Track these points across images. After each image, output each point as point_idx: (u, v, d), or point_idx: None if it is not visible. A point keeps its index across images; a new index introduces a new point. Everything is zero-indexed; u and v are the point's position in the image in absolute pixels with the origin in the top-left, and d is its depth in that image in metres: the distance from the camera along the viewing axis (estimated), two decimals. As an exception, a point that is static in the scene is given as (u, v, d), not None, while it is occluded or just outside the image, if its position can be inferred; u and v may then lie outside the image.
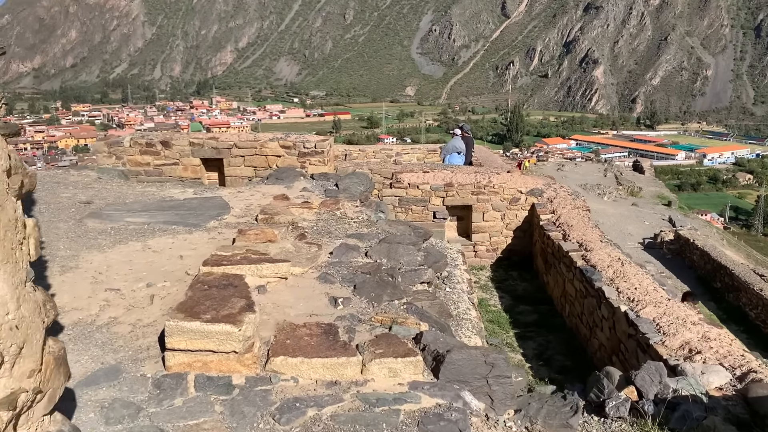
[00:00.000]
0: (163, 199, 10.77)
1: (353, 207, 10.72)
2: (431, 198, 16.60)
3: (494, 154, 28.72)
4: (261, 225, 8.91)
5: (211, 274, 6.31)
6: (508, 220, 16.65)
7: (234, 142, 16.41)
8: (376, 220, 10.22)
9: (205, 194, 11.25)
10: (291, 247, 7.72)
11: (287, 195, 10.97)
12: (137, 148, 16.51)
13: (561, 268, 13.59)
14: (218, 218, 9.45)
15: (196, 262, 7.46)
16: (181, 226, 9.03)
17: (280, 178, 12.31)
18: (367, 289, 6.66)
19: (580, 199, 16.23)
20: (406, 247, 8.25)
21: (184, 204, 10.11)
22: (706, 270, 26.05)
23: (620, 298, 10.42)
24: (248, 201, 10.86)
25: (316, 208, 10.15)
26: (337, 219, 9.82)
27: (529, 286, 15.67)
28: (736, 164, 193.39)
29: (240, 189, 11.95)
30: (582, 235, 13.80)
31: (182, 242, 8.42)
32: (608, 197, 48.62)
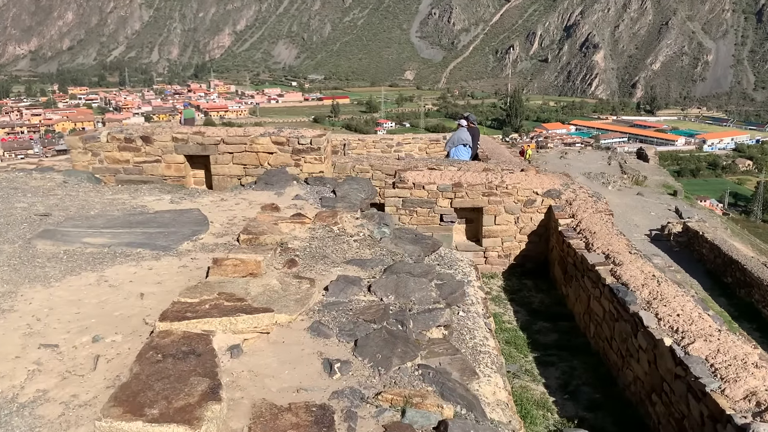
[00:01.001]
0: (133, 210, 9.30)
1: (353, 219, 9.27)
2: (438, 199, 15.12)
3: (501, 146, 27.30)
4: (243, 247, 7.46)
5: (168, 335, 4.85)
6: (522, 224, 15.17)
7: (221, 138, 14.95)
8: (379, 238, 8.78)
9: (182, 204, 9.78)
10: (276, 284, 6.26)
11: (277, 204, 9.51)
12: (115, 143, 15.04)
13: (584, 282, 12.15)
14: (193, 238, 7.98)
15: (159, 303, 6.03)
16: (147, 249, 7.57)
17: (270, 182, 10.85)
18: (371, 347, 5.21)
19: (602, 201, 14.76)
20: (418, 279, 6.80)
21: (156, 218, 8.64)
22: (716, 264, 25.35)
23: (661, 327, 8.99)
24: (231, 212, 9.40)
25: (310, 223, 8.70)
26: (335, 237, 8.38)
27: (546, 297, 14.22)
28: (736, 150, 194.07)
29: (223, 196, 10.48)
30: (608, 245, 12.35)
31: (146, 272, 6.96)
32: (613, 186, 47.52)
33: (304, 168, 15.04)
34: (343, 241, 8.29)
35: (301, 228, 8.52)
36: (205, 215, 8.85)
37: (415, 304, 6.47)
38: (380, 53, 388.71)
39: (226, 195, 10.56)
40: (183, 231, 8.08)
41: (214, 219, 8.92)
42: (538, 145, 65.66)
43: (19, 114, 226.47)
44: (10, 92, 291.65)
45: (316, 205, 9.91)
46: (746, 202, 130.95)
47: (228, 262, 6.53)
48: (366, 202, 10.60)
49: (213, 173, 15.18)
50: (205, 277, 6.60)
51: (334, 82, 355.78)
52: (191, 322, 5.06)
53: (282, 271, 6.99)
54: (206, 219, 8.64)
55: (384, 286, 6.57)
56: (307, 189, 10.76)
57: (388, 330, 5.49)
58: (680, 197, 50.81)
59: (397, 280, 6.70)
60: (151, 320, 5.55)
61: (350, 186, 10.55)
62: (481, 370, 7.42)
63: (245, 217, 9.07)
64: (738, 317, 20.30)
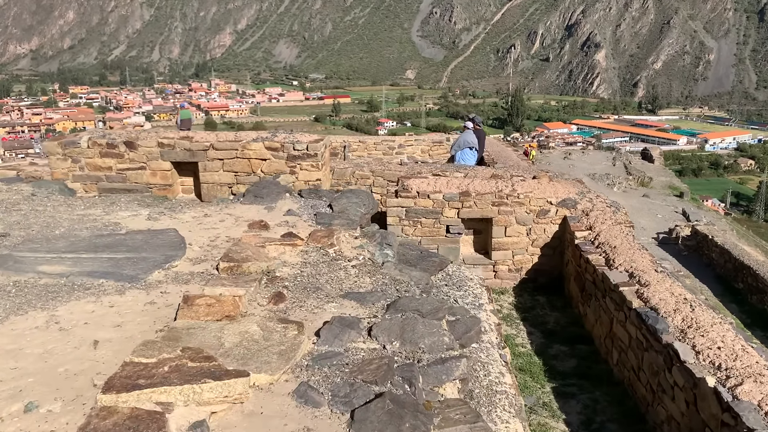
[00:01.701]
0: (103, 229, 8.24)
1: (351, 239, 8.21)
2: (444, 209, 14.00)
3: (507, 148, 26.20)
4: (223, 277, 6.41)
5: (112, 413, 3.77)
6: (535, 236, 14.06)
7: (211, 143, 13.86)
8: (381, 262, 7.71)
9: (160, 221, 8.71)
10: (257, 331, 5.18)
11: (266, 222, 8.45)
12: (97, 149, 13.97)
13: (606, 303, 11.06)
14: (166, 265, 6.91)
15: (115, 356, 4.97)
16: (112, 279, 6.50)
17: (260, 195, 9.77)
18: (372, 423, 4.11)
19: (621, 212, 13.66)
20: (428, 322, 5.71)
21: (126, 241, 7.56)
22: (727, 269, 24.52)
23: (700, 362, 7.92)
24: (214, 231, 8.33)
25: (302, 244, 7.63)
26: (330, 261, 7.31)
27: (562, 317, 13.12)
28: (738, 150, 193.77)
29: (208, 210, 9.39)
30: (630, 262, 11.27)
31: (106, 311, 5.89)
32: (618, 188, 46.62)
33: (300, 176, 13.99)
34: (340, 267, 7.22)
35: (291, 251, 7.45)
36: (183, 236, 7.77)
37: (425, 353, 5.39)
38: (381, 52, 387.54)
39: (211, 209, 9.48)
40: (155, 257, 7.00)
41: (193, 240, 7.84)
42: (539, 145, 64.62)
43: (20, 113, 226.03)
44: (11, 91, 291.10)
45: (310, 221, 8.84)
46: (748, 201, 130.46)
47: (201, 301, 5.46)
48: (366, 217, 9.54)
49: (202, 181, 14.12)
50: (173, 319, 5.52)
51: (335, 81, 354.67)
52: (144, 393, 3.97)
53: (266, 309, 5.92)
54: (183, 241, 7.56)
55: (387, 330, 5.49)
56: (301, 203, 9.69)
57: (392, 397, 4.38)
58: (686, 199, 49.89)
59: (403, 322, 5.61)
60: (101, 380, 4.47)
61: (348, 200, 9.47)
62: (498, 415, 6.38)
63: (229, 238, 8.00)
64: (751, 324, 19.39)
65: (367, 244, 8.10)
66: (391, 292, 6.71)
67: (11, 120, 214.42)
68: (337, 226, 8.50)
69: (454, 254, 14.16)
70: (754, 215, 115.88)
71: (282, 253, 7.37)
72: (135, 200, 10.26)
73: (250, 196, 9.81)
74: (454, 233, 14.12)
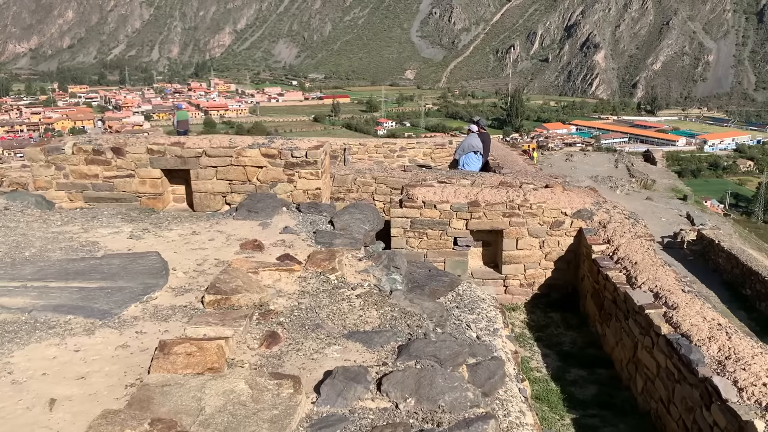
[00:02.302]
0: (79, 250, 7.39)
1: (355, 261, 7.36)
2: (451, 220, 13.14)
3: (513, 152, 25.33)
4: (208, 312, 5.57)
5: None
6: (548, 249, 13.20)
7: (204, 149, 13.00)
8: (389, 289, 6.87)
9: (144, 239, 7.86)
10: (245, 389, 4.32)
11: (260, 241, 7.61)
12: (82, 156, 13.10)
13: (629, 325, 10.20)
14: (144, 297, 6.05)
15: (74, 419, 4.11)
16: (81, 315, 5.63)
17: (254, 209, 8.91)
18: None
19: (641, 224, 12.81)
20: (448, 374, 4.85)
21: (101, 266, 6.69)
22: (734, 275, 23.99)
23: (744, 401, 7.08)
24: (202, 252, 7.47)
25: (300, 270, 6.79)
26: (332, 290, 6.47)
27: (578, 336, 12.27)
28: (737, 151, 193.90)
29: (196, 227, 8.54)
30: (654, 280, 10.42)
31: (70, 357, 5.02)
32: (621, 190, 46.01)
33: (298, 184, 13.14)
34: (343, 296, 6.37)
35: (288, 278, 6.60)
36: (166, 260, 6.91)
37: (445, 412, 4.52)
38: (381, 52, 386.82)
39: (200, 225, 8.63)
40: (132, 286, 6.15)
41: (178, 263, 6.99)
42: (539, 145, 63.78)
43: (19, 112, 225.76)
44: (10, 90, 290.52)
45: (309, 240, 7.99)
46: (747, 202, 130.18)
47: (180, 349, 4.61)
48: (371, 235, 8.69)
49: (194, 190, 13.27)
50: (147, 369, 4.66)
51: (334, 81, 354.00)
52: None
53: (257, 354, 5.07)
54: (165, 267, 6.69)
55: (400, 384, 4.63)
56: (299, 218, 8.83)
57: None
58: (690, 202, 49.14)
59: (419, 374, 4.75)
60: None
61: (351, 215, 8.61)
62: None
63: (218, 261, 7.15)
64: (760, 332, 18.65)
65: (373, 267, 7.25)
66: (401, 329, 5.86)
67: (10, 119, 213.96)
68: (339, 246, 7.66)
69: (462, 268, 13.34)
70: (753, 216, 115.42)
71: (277, 280, 6.53)
72: (119, 214, 9.38)
73: (243, 211, 8.95)
74: (462, 246, 13.27)
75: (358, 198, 15.94)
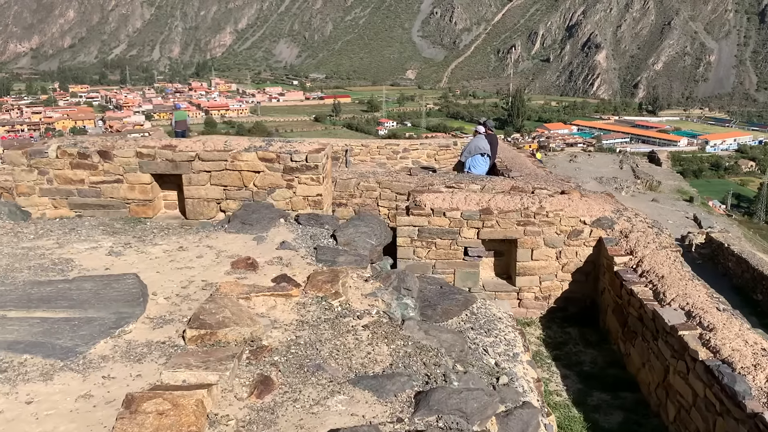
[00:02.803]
0: (49, 269, 6.53)
1: (361, 282, 6.50)
2: (462, 229, 12.24)
3: (520, 154, 24.48)
4: (190, 350, 4.71)
5: None
6: (566, 260, 12.30)
7: (197, 153, 12.09)
8: (400, 316, 6.01)
9: (125, 255, 6.99)
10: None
11: (254, 259, 6.75)
12: (67, 159, 12.20)
13: (659, 346, 9.32)
14: (116, 330, 5.17)
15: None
16: (39, 354, 4.75)
17: (248, 221, 8.04)
18: None
19: (665, 233, 11.93)
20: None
21: (70, 291, 5.81)
22: (744, 279, 22.98)
23: (803, 442, 6.24)
24: (187, 273, 6.60)
25: (299, 295, 5.92)
26: (335, 320, 5.60)
27: (599, 355, 11.37)
28: (739, 151, 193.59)
29: (183, 241, 7.67)
30: (685, 297, 9.55)
31: (19, 411, 4.15)
32: (626, 192, 45.31)
33: (298, 190, 12.24)
34: (348, 328, 5.50)
35: (285, 305, 5.74)
36: (145, 284, 6.03)
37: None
38: (382, 52, 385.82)
39: (189, 239, 7.76)
40: (104, 316, 5.28)
41: (159, 287, 6.12)
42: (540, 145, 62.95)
43: (20, 112, 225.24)
44: (11, 90, 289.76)
45: (309, 258, 7.12)
46: (749, 203, 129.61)
47: (150, 406, 3.74)
48: (377, 250, 7.83)
49: (186, 196, 12.36)
50: (110, 430, 3.79)
51: (335, 81, 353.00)
52: None
53: (246, 406, 4.21)
54: (144, 291, 5.82)
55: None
56: (298, 232, 7.96)
57: None
58: (696, 204, 48.34)
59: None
60: None
61: (356, 229, 7.74)
62: None
63: (206, 282, 6.29)
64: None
65: (381, 290, 6.39)
66: (417, 369, 4.99)
67: (11, 119, 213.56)
68: (343, 265, 6.80)
69: (473, 280, 12.46)
70: (755, 217, 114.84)
71: (272, 307, 5.68)
72: (101, 225, 8.53)
73: (236, 223, 8.08)
74: (473, 256, 12.38)
75: (361, 203, 15.07)
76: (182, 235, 7.94)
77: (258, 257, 6.92)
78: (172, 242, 7.65)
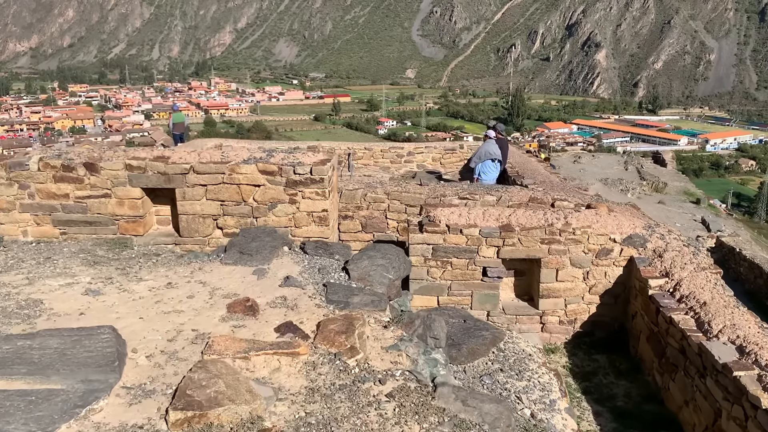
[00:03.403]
0: (12, 317, 5.51)
1: (380, 331, 5.50)
2: (480, 247, 11.18)
3: (531, 159, 23.42)
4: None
5: None
6: (594, 281, 11.27)
7: (191, 165, 11.10)
8: (429, 377, 5.00)
9: (104, 295, 5.98)
10: None
11: (254, 301, 5.75)
12: (50, 172, 11.23)
13: (707, 386, 8.29)
14: (82, 411, 4.15)
15: None
16: (-21, 449, 3.76)
17: (248, 251, 7.03)
18: None
19: (703, 252, 10.90)
20: None
21: (31, 350, 4.78)
22: (757, 285, 22.55)
23: None
24: (176, 320, 5.58)
25: (307, 352, 4.92)
26: (352, 387, 4.59)
27: (632, 387, 10.32)
28: (739, 150, 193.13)
29: (173, 276, 6.66)
30: (734, 328, 8.54)
31: None
32: (632, 194, 44.66)
33: (301, 205, 11.26)
34: (369, 399, 4.49)
35: (291, 365, 4.74)
36: (123, 339, 5.01)
37: None
38: (381, 51, 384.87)
39: (179, 273, 6.75)
40: (69, 387, 4.26)
41: (141, 339, 5.11)
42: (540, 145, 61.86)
43: (19, 111, 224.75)
44: (10, 89, 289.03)
45: (318, 297, 6.11)
46: (749, 202, 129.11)
47: None
48: (395, 285, 6.83)
49: (180, 212, 11.37)
50: None
51: (335, 80, 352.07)
52: None
53: None
54: (120, 350, 4.79)
55: None
56: (305, 263, 6.95)
57: None
58: (703, 205, 47.46)
59: None
60: None
61: (371, 261, 6.73)
62: None
63: (197, 333, 5.28)
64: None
65: (404, 340, 5.39)
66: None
67: (10, 118, 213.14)
68: (358, 307, 5.81)
69: (493, 302, 11.45)
70: (755, 216, 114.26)
71: (276, 369, 4.68)
72: (81, 252, 7.53)
73: (234, 252, 7.06)
74: (492, 277, 11.33)
75: (368, 216, 14.04)
76: (172, 266, 6.93)
77: (258, 297, 5.93)
78: (160, 276, 6.64)
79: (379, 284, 6.40)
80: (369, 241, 14.17)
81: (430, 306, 11.41)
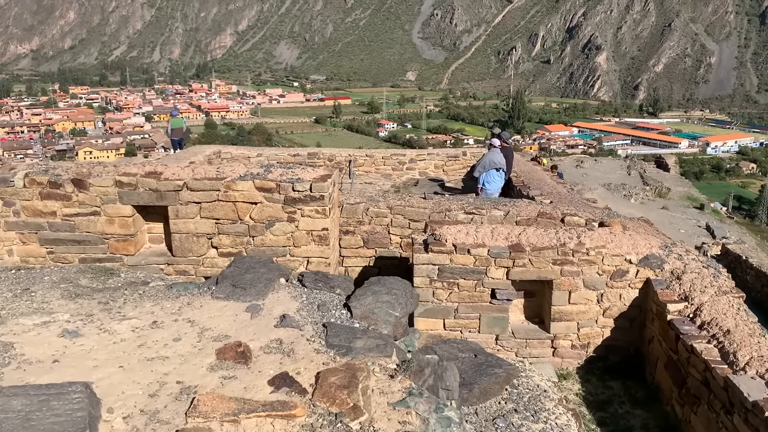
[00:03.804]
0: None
1: (386, 381, 4.94)
2: (489, 268, 10.60)
3: (536, 167, 22.91)
4: None
5: None
6: (608, 304, 10.69)
7: (185, 181, 10.54)
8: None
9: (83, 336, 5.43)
10: None
11: (246, 346, 5.20)
12: (36, 189, 10.67)
13: (735, 424, 7.71)
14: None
15: None
16: None
17: (241, 284, 6.46)
18: None
19: (723, 275, 10.33)
20: None
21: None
22: (764, 294, 21.82)
23: None
24: (160, 369, 5.02)
25: (304, 413, 4.35)
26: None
27: (650, 418, 9.73)
28: (740, 153, 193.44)
29: (159, 313, 6.10)
30: (761, 360, 7.98)
31: None
32: (635, 199, 43.93)
33: (300, 224, 10.71)
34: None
35: (286, 430, 4.18)
36: (99, 398, 4.43)
37: None
38: (382, 54, 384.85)
39: (165, 309, 6.19)
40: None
41: (119, 394, 4.55)
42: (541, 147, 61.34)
43: (20, 113, 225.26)
44: (11, 91, 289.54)
45: (317, 340, 5.55)
46: (750, 205, 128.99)
47: None
48: (402, 322, 6.25)
49: (173, 231, 10.81)
50: None
51: (335, 82, 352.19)
52: None
53: None
54: (92, 414, 4.21)
55: None
56: (303, 299, 6.37)
57: None
58: (707, 211, 46.85)
59: None
60: None
61: (375, 297, 6.15)
62: None
63: (182, 386, 4.71)
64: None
65: (414, 394, 4.81)
66: None
67: (11, 120, 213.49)
68: (362, 353, 5.24)
69: (502, 326, 10.89)
70: (756, 219, 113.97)
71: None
72: (63, 282, 6.96)
73: (226, 285, 6.49)
74: (501, 299, 10.76)
75: (370, 231, 13.48)
76: (159, 300, 6.36)
77: (251, 340, 5.37)
78: (145, 312, 6.08)
79: (384, 323, 5.83)
80: (371, 257, 13.64)
81: (436, 329, 10.88)
